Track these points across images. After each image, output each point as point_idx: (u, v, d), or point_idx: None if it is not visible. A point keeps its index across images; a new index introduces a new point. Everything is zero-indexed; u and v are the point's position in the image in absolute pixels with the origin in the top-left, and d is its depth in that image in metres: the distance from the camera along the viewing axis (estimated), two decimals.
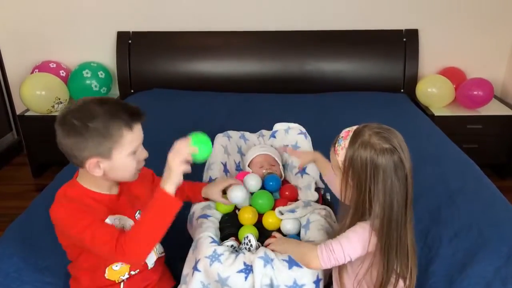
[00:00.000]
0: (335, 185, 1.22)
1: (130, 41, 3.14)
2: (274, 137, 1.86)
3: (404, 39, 3.09)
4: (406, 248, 1.15)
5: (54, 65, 3.10)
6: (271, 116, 2.49)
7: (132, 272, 1.32)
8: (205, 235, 1.35)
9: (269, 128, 2.05)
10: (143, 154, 1.27)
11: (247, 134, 1.96)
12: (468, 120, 2.90)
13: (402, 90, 3.12)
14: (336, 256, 1.13)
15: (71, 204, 1.20)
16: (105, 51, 3.20)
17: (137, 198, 1.36)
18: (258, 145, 1.85)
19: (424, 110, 2.97)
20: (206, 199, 1.57)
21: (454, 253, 1.49)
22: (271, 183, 1.61)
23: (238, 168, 1.82)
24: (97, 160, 1.17)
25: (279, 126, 1.87)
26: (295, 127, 1.83)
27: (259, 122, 2.35)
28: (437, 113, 2.92)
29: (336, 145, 1.17)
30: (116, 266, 1.29)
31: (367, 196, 1.11)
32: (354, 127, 1.17)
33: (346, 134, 1.16)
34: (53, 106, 2.89)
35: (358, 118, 2.56)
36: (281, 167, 1.73)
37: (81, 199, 1.22)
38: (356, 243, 1.13)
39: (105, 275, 1.29)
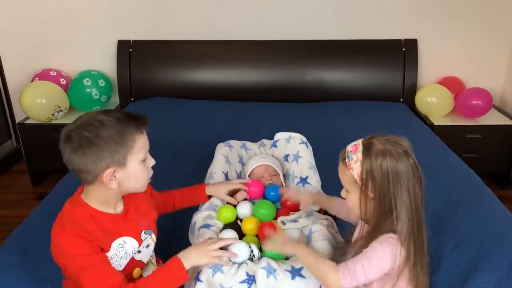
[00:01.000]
0: (349, 205, 1.20)
1: (130, 50, 3.14)
2: (275, 146, 1.87)
3: (403, 49, 3.10)
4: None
5: (55, 73, 3.10)
6: (272, 125, 2.53)
7: None
8: None
9: (270, 137, 2.06)
10: (151, 161, 1.27)
11: (248, 143, 1.97)
12: (467, 130, 2.91)
13: (401, 100, 3.13)
14: (359, 279, 1.11)
15: (75, 231, 1.14)
16: (105, 59, 3.20)
17: (144, 214, 1.34)
18: (258, 155, 1.85)
19: (424, 119, 2.97)
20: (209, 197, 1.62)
21: (456, 264, 1.49)
22: (272, 193, 1.62)
23: (240, 177, 1.82)
24: (113, 170, 1.15)
25: (280, 136, 1.88)
26: (296, 137, 1.83)
27: (260, 131, 2.39)
28: (436, 122, 2.92)
29: (347, 160, 1.16)
30: None
31: (392, 204, 1.10)
32: (359, 141, 1.17)
33: (355, 148, 1.15)
34: (53, 114, 2.89)
35: (358, 127, 2.66)
36: (281, 177, 1.73)
37: (86, 224, 1.18)
38: (381, 261, 1.11)
39: None
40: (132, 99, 3.17)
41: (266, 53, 3.13)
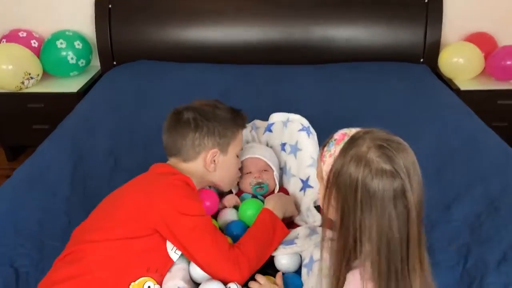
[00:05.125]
0: (319, 196, 1.02)
1: (110, 6, 2.79)
2: (270, 131, 1.51)
3: (426, 0, 2.75)
4: None
5: (24, 34, 2.75)
6: (272, 90, 2.36)
7: None
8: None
9: (269, 109, 1.76)
10: (239, 163, 1.36)
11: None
12: (499, 95, 2.60)
13: (422, 60, 2.81)
14: None
15: (187, 186, 1.19)
16: (81, 17, 2.85)
17: None
18: (248, 144, 1.50)
19: (448, 83, 2.65)
20: None
21: (507, 284, 1.16)
22: (233, 233, 1.27)
23: None
24: (217, 152, 1.25)
25: (276, 117, 1.51)
26: (296, 120, 1.46)
27: (258, 101, 2.19)
28: (463, 87, 2.60)
29: (325, 148, 0.95)
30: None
31: (354, 228, 0.87)
32: (354, 130, 0.94)
33: (341, 137, 0.94)
34: (22, 83, 2.56)
35: (371, 93, 2.34)
36: (275, 173, 1.39)
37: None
38: None
39: None
40: (115, 62, 2.85)
41: (267, 8, 2.82)
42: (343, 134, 0.94)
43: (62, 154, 1.79)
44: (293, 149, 1.40)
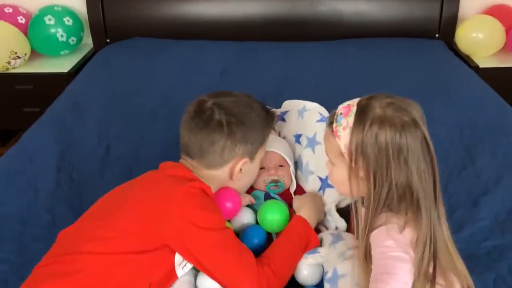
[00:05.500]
0: (333, 181, 1.03)
1: None
2: (283, 120, 1.35)
3: None
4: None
5: (10, 10, 2.58)
6: (276, 69, 2.23)
7: None
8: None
9: (274, 92, 1.77)
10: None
11: None
12: None
13: (437, 36, 2.68)
14: None
15: (206, 196, 1.03)
16: None
17: None
18: None
19: (466, 60, 2.51)
20: None
21: None
22: (255, 240, 1.11)
23: None
24: (246, 160, 1.10)
25: (290, 105, 1.35)
26: (313, 109, 1.29)
27: (261, 79, 2.10)
28: (482, 64, 2.45)
29: (335, 124, 0.95)
30: None
31: (390, 189, 0.89)
32: (355, 100, 0.95)
33: (347, 109, 0.94)
34: (9, 63, 2.41)
35: (383, 71, 2.22)
36: (292, 168, 1.23)
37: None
38: (400, 264, 0.86)
39: None
40: (108, 40, 2.71)
41: None
42: (348, 106, 0.95)
43: (47, 143, 1.65)
44: (310, 142, 1.23)
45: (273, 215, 1.11)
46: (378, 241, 0.89)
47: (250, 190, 1.24)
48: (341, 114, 0.94)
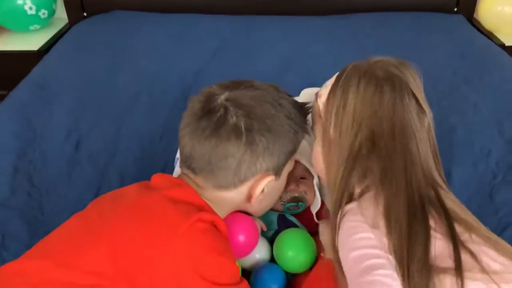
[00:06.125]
0: (313, 160, 0.91)
1: None
2: None
3: None
4: None
5: None
6: (278, 48, 2.02)
7: None
8: None
9: (277, 76, 1.60)
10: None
11: None
12: None
13: (456, 10, 2.48)
14: None
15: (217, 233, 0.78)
16: None
17: None
18: None
19: (489, 37, 2.29)
20: None
21: None
22: (273, 285, 0.86)
23: None
24: (273, 178, 0.84)
25: (309, 95, 1.08)
26: None
27: (261, 59, 1.91)
28: (508, 42, 2.24)
29: (320, 89, 0.91)
30: None
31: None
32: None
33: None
34: None
35: (399, 49, 2.03)
36: (316, 180, 0.97)
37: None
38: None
39: None
40: (85, 13, 2.47)
41: None
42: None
43: (4, 136, 1.38)
44: None
45: (297, 252, 0.86)
46: (344, 240, 0.75)
47: None
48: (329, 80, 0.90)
